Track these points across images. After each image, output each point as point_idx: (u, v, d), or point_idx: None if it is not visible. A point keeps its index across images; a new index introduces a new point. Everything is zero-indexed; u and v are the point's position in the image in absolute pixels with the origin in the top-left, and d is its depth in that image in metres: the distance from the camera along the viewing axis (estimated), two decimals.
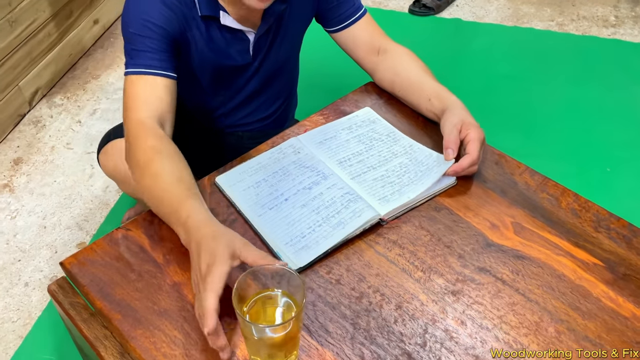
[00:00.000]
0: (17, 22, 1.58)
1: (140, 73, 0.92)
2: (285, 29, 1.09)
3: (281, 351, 0.66)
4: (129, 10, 0.94)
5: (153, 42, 0.93)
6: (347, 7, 1.10)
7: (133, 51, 0.93)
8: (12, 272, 1.31)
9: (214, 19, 0.99)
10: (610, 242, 0.87)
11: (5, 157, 1.57)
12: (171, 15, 0.94)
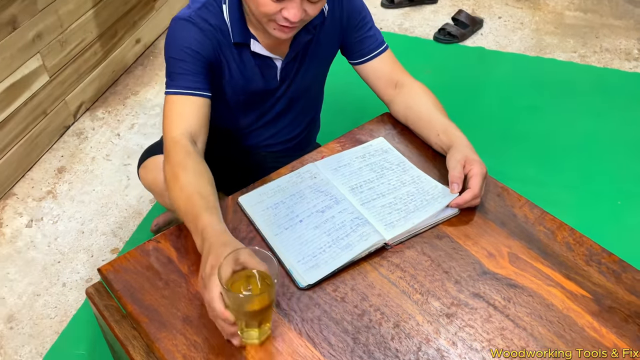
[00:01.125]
0: (67, 42, 1.72)
1: (177, 94, 1.03)
2: (311, 57, 1.18)
3: (256, 320, 0.79)
4: (170, 37, 1.05)
5: (189, 65, 1.03)
6: (370, 43, 1.19)
7: (172, 74, 1.05)
8: (51, 273, 1.43)
9: (245, 46, 1.09)
10: (600, 275, 0.93)
11: (50, 165, 1.71)
12: (206, 41, 1.05)
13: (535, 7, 2.56)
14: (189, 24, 1.04)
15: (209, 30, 1.05)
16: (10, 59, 1.52)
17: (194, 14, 1.05)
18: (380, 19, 2.45)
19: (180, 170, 0.94)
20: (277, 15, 0.96)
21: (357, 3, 1.16)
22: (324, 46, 1.18)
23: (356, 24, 1.16)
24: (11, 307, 1.35)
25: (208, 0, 1.06)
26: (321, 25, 1.14)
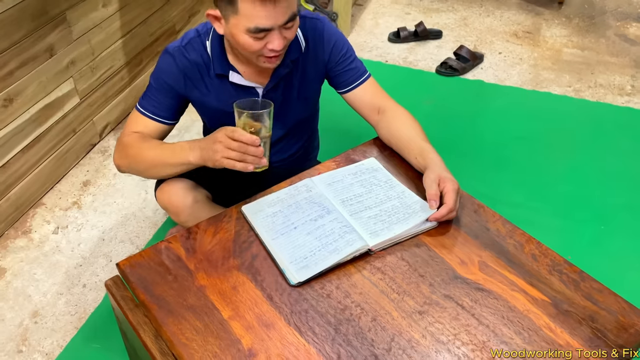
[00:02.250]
0: (97, 68, 1.90)
1: (141, 113, 1.24)
2: (296, 88, 1.31)
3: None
4: (157, 64, 1.24)
5: (157, 94, 1.23)
6: (353, 74, 1.33)
7: (145, 94, 1.25)
8: (73, 275, 1.57)
9: (225, 77, 1.24)
10: (560, 283, 1.04)
11: (76, 179, 1.87)
12: (179, 76, 1.22)
13: (535, 44, 2.70)
14: (170, 57, 1.22)
15: (184, 65, 1.22)
16: (46, 82, 1.69)
17: (177, 50, 1.22)
18: (386, 52, 2.61)
19: (139, 137, 1.19)
20: (264, 49, 1.11)
21: (339, 41, 1.30)
22: (307, 78, 1.31)
23: (338, 59, 1.30)
24: (36, 304, 1.49)
25: (194, 37, 1.23)
26: (300, 61, 1.28)
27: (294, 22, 1.11)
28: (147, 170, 1.22)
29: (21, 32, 1.55)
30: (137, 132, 1.23)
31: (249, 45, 1.11)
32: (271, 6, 1.05)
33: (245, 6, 1.05)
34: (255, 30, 1.08)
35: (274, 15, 1.06)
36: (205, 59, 1.22)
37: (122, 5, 1.93)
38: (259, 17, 1.06)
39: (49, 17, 1.63)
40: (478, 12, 2.97)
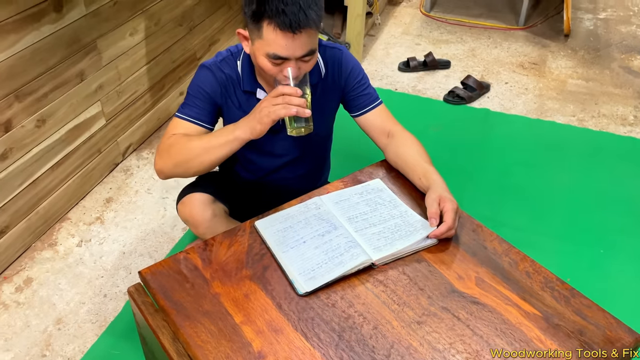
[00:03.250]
0: (123, 92, 2.02)
1: (182, 119, 1.33)
2: (314, 109, 1.40)
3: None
4: (193, 77, 1.35)
5: (197, 101, 1.33)
6: (366, 99, 1.43)
7: (184, 104, 1.34)
8: (95, 285, 1.66)
9: (252, 93, 1.35)
10: (552, 299, 1.11)
11: (100, 196, 1.98)
12: (216, 86, 1.33)
13: (541, 74, 2.79)
14: (208, 70, 1.33)
15: (221, 78, 1.33)
16: (76, 105, 1.82)
17: (214, 64, 1.33)
18: (396, 81, 2.72)
19: (184, 138, 1.27)
20: (279, 75, 1.21)
21: (355, 68, 1.41)
22: (325, 101, 1.42)
23: (353, 85, 1.41)
24: (60, 312, 1.58)
25: (227, 56, 1.35)
26: (320, 85, 1.38)
27: (311, 57, 1.21)
28: (195, 159, 1.26)
29: (56, 58, 1.68)
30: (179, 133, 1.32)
31: (267, 68, 1.21)
32: (290, 39, 1.15)
33: (268, 33, 1.16)
34: (274, 57, 1.18)
35: (292, 48, 1.16)
36: (236, 76, 1.34)
37: (147, 34, 2.06)
38: (278, 46, 1.16)
39: (81, 45, 1.76)
40: (486, 43, 3.07)
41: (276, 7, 1.12)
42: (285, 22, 1.13)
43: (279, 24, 1.13)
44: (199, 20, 2.38)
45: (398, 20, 3.32)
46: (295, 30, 1.14)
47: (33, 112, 1.65)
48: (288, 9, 1.12)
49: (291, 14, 1.12)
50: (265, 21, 1.15)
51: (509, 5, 3.48)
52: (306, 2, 1.14)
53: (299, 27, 1.13)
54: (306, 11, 1.13)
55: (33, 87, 1.62)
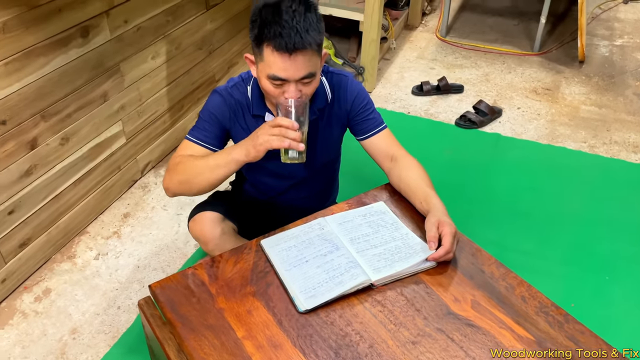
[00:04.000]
0: (143, 112, 2.12)
1: (191, 140, 1.39)
2: (321, 132, 1.47)
3: None
4: (207, 102, 1.43)
5: (207, 125, 1.40)
6: (370, 124, 1.48)
7: (195, 127, 1.41)
8: (110, 297, 1.73)
9: (261, 117, 1.41)
10: (545, 324, 1.13)
11: (118, 211, 2.06)
12: (226, 111, 1.40)
13: (554, 100, 2.82)
14: (219, 96, 1.40)
15: (231, 103, 1.40)
16: (98, 124, 1.91)
17: (224, 90, 1.41)
18: (409, 104, 2.77)
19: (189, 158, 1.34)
20: (280, 97, 1.27)
21: (360, 94, 1.46)
22: (332, 125, 1.48)
23: (358, 110, 1.46)
24: (75, 322, 1.65)
25: (238, 81, 1.42)
26: (328, 108, 1.44)
27: (311, 79, 1.27)
28: (196, 177, 1.32)
29: (81, 80, 1.78)
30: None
31: (269, 89, 1.28)
32: (287, 60, 1.21)
33: (268, 55, 1.23)
34: (273, 78, 1.24)
35: (290, 69, 1.22)
36: (246, 101, 1.41)
37: (168, 57, 2.16)
38: (277, 67, 1.23)
39: (105, 68, 1.86)
40: (500, 68, 3.11)
41: (274, 30, 1.20)
42: (281, 44, 1.20)
43: (275, 45, 1.21)
44: (218, 44, 2.47)
45: (414, 44, 3.38)
46: (292, 51, 1.20)
47: (58, 130, 1.74)
48: (285, 32, 1.19)
49: (287, 37, 1.19)
50: (265, 43, 1.22)
51: (524, 32, 3.52)
52: (303, 26, 1.21)
53: (295, 48, 1.20)
54: (302, 34, 1.20)
55: (59, 107, 1.72)
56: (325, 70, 1.46)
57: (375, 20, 2.66)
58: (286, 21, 1.20)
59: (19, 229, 1.70)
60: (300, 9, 1.22)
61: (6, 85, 1.52)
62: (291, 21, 1.20)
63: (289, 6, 1.22)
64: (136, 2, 1.91)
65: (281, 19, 1.20)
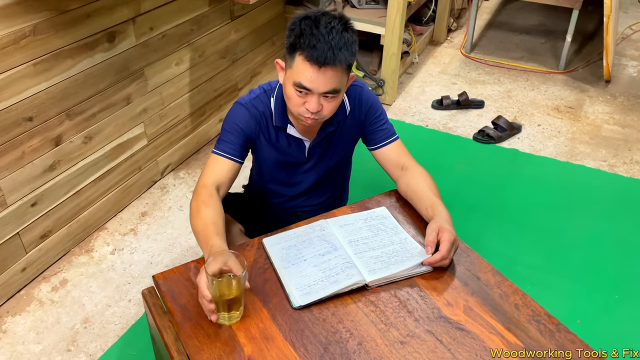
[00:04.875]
0: (165, 116, 2.20)
1: (217, 154, 1.41)
2: (336, 143, 1.51)
3: (226, 306, 1.11)
4: (228, 114, 1.46)
5: (232, 137, 1.42)
6: (383, 134, 1.51)
7: (220, 140, 1.44)
8: (122, 290, 1.80)
9: (283, 129, 1.46)
10: (536, 332, 1.14)
11: (136, 209, 2.14)
12: (250, 122, 1.43)
13: (576, 118, 2.79)
14: (243, 107, 1.44)
15: (255, 114, 1.43)
16: (121, 125, 2.00)
17: (248, 101, 1.44)
18: (428, 118, 2.79)
19: (203, 206, 1.30)
20: (301, 108, 1.32)
21: (374, 105, 1.50)
22: (346, 135, 1.52)
23: (372, 120, 1.50)
24: (88, 312, 1.72)
25: (260, 93, 1.46)
26: (344, 121, 1.48)
27: (334, 96, 1.31)
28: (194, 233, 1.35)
29: (106, 82, 1.87)
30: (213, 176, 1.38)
31: (292, 97, 1.31)
32: (316, 72, 1.25)
33: (298, 64, 1.27)
34: (299, 85, 1.28)
35: (317, 81, 1.26)
36: (268, 113, 1.45)
37: (192, 64, 2.25)
38: (304, 77, 1.27)
39: (129, 72, 1.95)
40: (523, 85, 3.11)
41: (309, 41, 1.24)
42: (313, 56, 1.24)
43: (307, 56, 1.25)
44: (242, 53, 2.56)
45: (437, 59, 3.41)
46: (322, 65, 1.24)
47: (82, 129, 1.83)
48: (319, 45, 1.24)
49: (320, 50, 1.23)
50: (297, 52, 1.26)
51: (551, 50, 3.50)
52: (337, 44, 1.25)
53: (325, 63, 1.24)
54: (335, 50, 1.24)
55: (83, 107, 1.81)
56: None
57: (397, 35, 2.70)
58: (322, 35, 1.24)
59: (40, 220, 1.79)
60: (339, 27, 1.26)
61: (34, 84, 1.62)
62: (327, 36, 1.24)
63: (329, 22, 1.26)
64: (162, 10, 2.00)
65: (318, 32, 1.24)
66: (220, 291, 1.10)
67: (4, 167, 1.61)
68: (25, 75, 1.58)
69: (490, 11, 4.11)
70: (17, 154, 1.64)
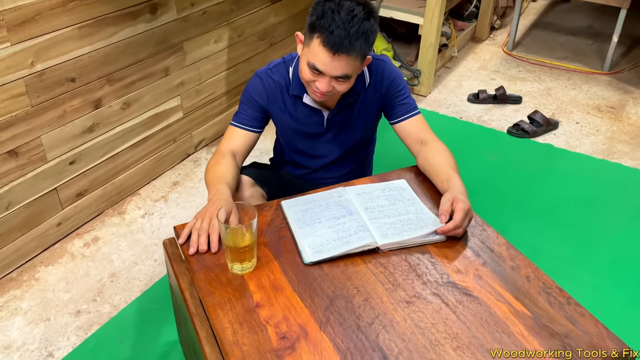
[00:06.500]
0: (201, 91, 2.28)
1: (234, 125, 1.50)
2: (356, 115, 1.54)
3: (243, 255, 1.16)
4: (247, 85, 1.52)
5: (247, 109, 1.49)
6: (404, 108, 1.52)
7: (237, 111, 1.51)
8: (149, 251, 1.87)
9: (299, 98, 1.49)
10: (545, 303, 1.13)
11: (169, 179, 2.22)
12: (264, 94, 1.48)
13: (617, 118, 2.72)
14: (257, 78, 1.49)
15: (269, 84, 1.48)
16: (159, 95, 2.08)
17: (264, 72, 1.49)
18: (462, 110, 2.78)
19: (216, 164, 1.42)
20: (312, 84, 1.35)
21: (397, 79, 1.51)
22: (368, 108, 1.54)
23: (394, 94, 1.51)
24: (115, 268, 1.81)
25: (279, 63, 1.50)
26: (364, 92, 1.50)
27: (345, 80, 1.34)
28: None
29: (146, 52, 1.96)
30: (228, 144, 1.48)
31: (305, 73, 1.35)
32: (330, 57, 1.28)
33: (315, 46, 1.30)
34: (312, 67, 1.32)
35: (330, 66, 1.29)
36: (286, 81, 1.49)
37: (230, 43, 2.32)
38: (318, 60, 1.30)
39: (169, 44, 2.03)
40: (564, 84, 3.05)
41: (329, 25, 1.26)
42: (329, 41, 1.26)
43: (324, 40, 1.27)
44: (279, 37, 2.61)
45: (478, 56, 3.38)
46: (336, 52, 1.27)
47: (120, 95, 1.92)
48: (337, 31, 1.26)
49: (337, 37, 1.25)
50: (316, 34, 1.29)
51: (598, 52, 3.42)
52: (355, 34, 1.26)
53: (340, 50, 1.27)
54: (352, 40, 1.26)
55: (123, 74, 1.90)
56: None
57: (435, 25, 2.70)
58: (343, 22, 1.25)
59: (77, 179, 1.89)
60: (361, 14, 1.27)
61: (78, 47, 1.71)
62: (347, 24, 1.25)
63: (351, 9, 1.27)
64: None
65: (339, 18, 1.26)
66: (233, 240, 1.15)
67: (46, 124, 1.71)
68: (70, 37, 1.68)
69: (537, 12, 4.04)
70: (59, 112, 1.74)
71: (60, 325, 1.61)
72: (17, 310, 1.65)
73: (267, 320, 1.08)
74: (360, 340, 1.04)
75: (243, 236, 1.15)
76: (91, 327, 1.60)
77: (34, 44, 1.59)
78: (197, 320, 1.13)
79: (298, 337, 1.04)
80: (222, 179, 1.36)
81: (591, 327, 1.08)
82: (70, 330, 1.60)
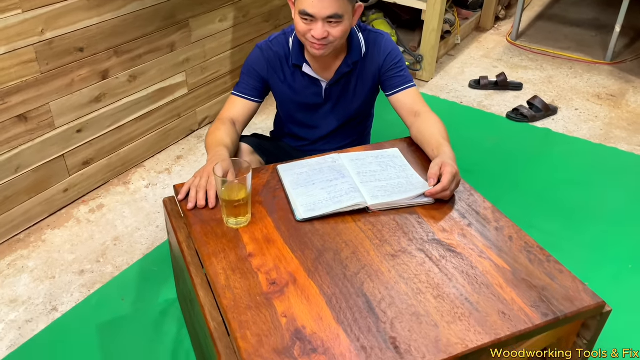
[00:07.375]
0: (206, 69, 2.34)
1: (235, 95, 1.56)
2: (354, 86, 1.59)
3: (238, 209, 1.22)
4: (248, 56, 1.57)
5: (247, 79, 1.55)
6: (400, 80, 1.57)
7: (239, 82, 1.57)
8: (151, 218, 1.94)
9: (299, 67, 1.55)
10: (525, 260, 1.17)
11: (173, 153, 2.29)
12: (263, 63, 1.54)
13: (616, 106, 2.75)
14: (259, 50, 1.55)
15: (269, 55, 1.54)
16: (164, 70, 2.15)
17: (265, 44, 1.55)
18: (463, 95, 2.82)
19: (216, 130, 1.49)
20: (308, 34, 1.40)
21: (394, 52, 1.56)
22: (364, 79, 1.59)
23: (390, 66, 1.56)
24: (119, 232, 1.87)
25: (279, 35, 1.56)
26: (361, 62, 1.56)
27: (338, 21, 1.39)
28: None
29: (152, 27, 2.02)
30: (229, 112, 1.55)
31: (299, 25, 1.40)
32: None
33: None
34: (303, 13, 1.37)
35: (318, 6, 1.35)
36: (286, 52, 1.55)
37: (235, 23, 2.38)
38: (307, 3, 1.36)
39: (175, 20, 2.09)
40: (566, 73, 3.08)
41: None
42: None
43: None
44: (285, 20, 2.66)
45: (482, 45, 3.41)
46: None
47: (127, 68, 1.99)
48: None
49: None
50: None
51: (601, 43, 3.44)
52: None
53: None
54: None
55: (131, 46, 1.96)
56: (363, 28, 1.59)
57: (437, 10, 2.74)
58: None
59: (84, 147, 1.95)
60: None
61: (87, 18, 1.78)
62: None
63: None
64: None
65: None
66: (228, 194, 1.21)
67: (55, 91, 1.78)
68: (79, 7, 1.74)
69: (542, 4, 4.06)
70: (67, 81, 1.80)
71: (65, 283, 1.68)
72: (24, 269, 1.72)
73: (258, 268, 1.14)
74: (346, 287, 1.09)
75: (238, 191, 1.21)
76: (94, 285, 1.67)
77: (44, 12, 1.66)
78: (193, 268, 1.19)
79: (287, 283, 1.10)
80: (222, 143, 1.42)
81: (569, 282, 1.12)
82: (74, 287, 1.66)
